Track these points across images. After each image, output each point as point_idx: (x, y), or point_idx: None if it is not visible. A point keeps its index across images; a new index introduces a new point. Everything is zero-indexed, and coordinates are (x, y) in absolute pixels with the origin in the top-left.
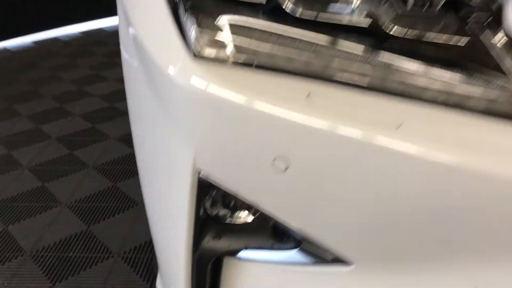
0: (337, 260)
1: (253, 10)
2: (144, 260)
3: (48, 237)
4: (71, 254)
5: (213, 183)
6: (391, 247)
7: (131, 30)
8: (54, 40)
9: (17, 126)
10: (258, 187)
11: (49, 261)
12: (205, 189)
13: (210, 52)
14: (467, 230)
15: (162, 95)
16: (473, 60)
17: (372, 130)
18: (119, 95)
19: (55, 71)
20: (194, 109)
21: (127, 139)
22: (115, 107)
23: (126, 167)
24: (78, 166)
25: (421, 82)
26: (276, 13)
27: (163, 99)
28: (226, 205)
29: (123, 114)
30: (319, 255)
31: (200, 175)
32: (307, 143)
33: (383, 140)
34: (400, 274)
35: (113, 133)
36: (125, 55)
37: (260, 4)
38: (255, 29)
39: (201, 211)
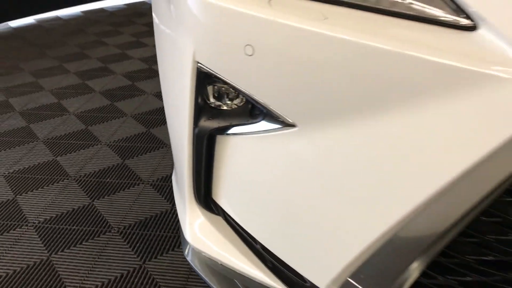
0: (287, 125)
1: None
2: (169, 187)
3: (89, 167)
4: (107, 180)
5: (207, 71)
6: (321, 111)
7: None
8: (100, 10)
9: (65, 81)
10: (236, 70)
11: (90, 184)
12: (201, 78)
13: None
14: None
15: (177, 9)
16: None
17: (306, 22)
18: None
19: (100, 36)
20: (195, 15)
21: (161, 95)
22: (153, 68)
23: (159, 117)
24: (117, 114)
25: None
26: None
27: (177, 12)
28: (217, 96)
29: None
30: (277, 123)
31: (198, 66)
32: (266, 34)
33: (314, 27)
34: (330, 129)
35: (149, 89)
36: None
37: None
38: None
39: (199, 99)
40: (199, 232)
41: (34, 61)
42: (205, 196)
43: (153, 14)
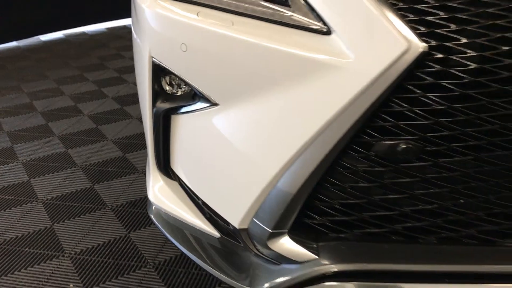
0: (213, 104)
1: None
2: None
3: (94, 158)
4: (109, 169)
5: (159, 64)
6: (233, 92)
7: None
8: (123, 28)
9: (84, 87)
10: (176, 62)
11: (92, 171)
12: (156, 70)
13: None
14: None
15: (140, 20)
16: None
17: (219, 27)
18: None
19: (120, 50)
20: (150, 21)
21: None
22: None
23: None
24: (125, 117)
25: (248, 7)
26: None
27: (140, 23)
28: (171, 84)
29: None
30: (206, 102)
31: (153, 60)
32: (194, 36)
33: (224, 31)
34: (239, 105)
35: None
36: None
37: None
38: None
39: (156, 86)
40: (159, 193)
41: (58, 70)
42: (164, 165)
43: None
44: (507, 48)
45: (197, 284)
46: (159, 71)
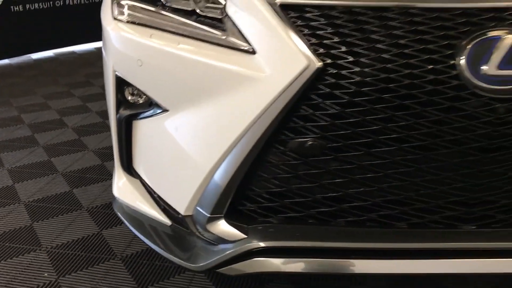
0: (164, 110)
1: None
2: None
3: (75, 166)
4: (88, 175)
5: (121, 77)
6: (179, 100)
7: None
8: None
9: (70, 102)
10: (134, 75)
11: (73, 178)
12: (119, 82)
13: (117, 16)
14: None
15: (105, 40)
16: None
17: (167, 45)
18: None
19: None
20: (113, 41)
21: None
22: None
23: None
24: (106, 129)
25: (192, 30)
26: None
27: (105, 42)
28: (133, 94)
29: None
30: (159, 109)
31: (116, 74)
32: (147, 53)
33: (171, 49)
34: (185, 110)
35: None
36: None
37: None
38: (137, 6)
39: (119, 96)
40: (122, 189)
41: (47, 86)
42: (127, 164)
43: None
44: (381, 66)
45: (159, 273)
46: (121, 83)
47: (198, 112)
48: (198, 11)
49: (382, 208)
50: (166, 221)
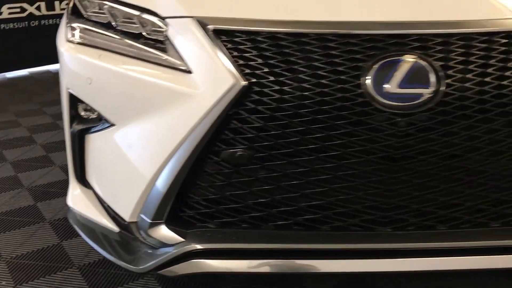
0: (111, 124)
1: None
2: None
3: (42, 180)
4: (54, 189)
5: (73, 94)
6: (123, 115)
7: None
8: None
9: (41, 120)
10: (85, 93)
11: (39, 192)
12: (72, 99)
13: (69, 38)
14: (143, 102)
15: (59, 60)
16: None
17: (113, 65)
18: None
19: None
20: (66, 62)
21: None
22: None
23: None
24: None
25: (137, 51)
26: (99, 24)
27: (60, 63)
28: (85, 110)
29: None
30: (107, 123)
31: (69, 91)
32: (95, 72)
33: (116, 68)
34: (132, 124)
35: None
36: None
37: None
38: (88, 29)
39: (73, 111)
40: (76, 199)
41: (20, 104)
42: (81, 175)
43: None
44: (298, 84)
45: (113, 280)
46: (74, 100)
47: (141, 126)
48: (144, 34)
49: (307, 212)
50: (115, 228)
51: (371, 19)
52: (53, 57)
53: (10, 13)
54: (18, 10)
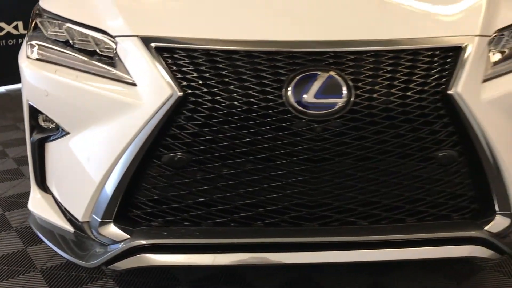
0: (67, 133)
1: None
2: None
3: (11, 191)
4: (21, 200)
5: (33, 105)
6: (76, 124)
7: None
8: None
9: (15, 135)
10: (43, 104)
11: (9, 204)
12: (32, 110)
13: (29, 55)
14: (94, 112)
15: (21, 75)
16: (108, 63)
17: (67, 78)
18: None
19: None
20: (26, 76)
21: None
22: None
23: None
24: None
25: (89, 67)
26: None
27: (21, 78)
28: (45, 120)
29: None
30: (64, 132)
31: (29, 103)
32: (51, 85)
33: (70, 81)
34: (84, 131)
35: None
36: None
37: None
38: (45, 47)
39: (33, 122)
40: (36, 204)
41: None
42: (41, 181)
43: None
44: (228, 95)
45: (74, 282)
46: (33, 111)
47: (91, 134)
48: (98, 51)
49: (241, 210)
50: (70, 229)
51: (292, 38)
52: None
53: None
54: None
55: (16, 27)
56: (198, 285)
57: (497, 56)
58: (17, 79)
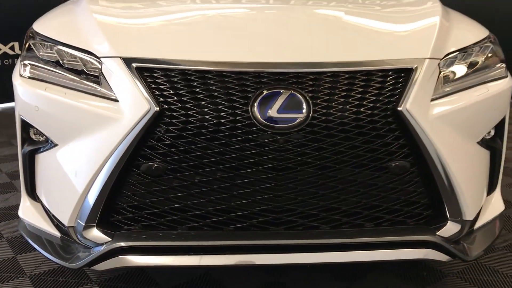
0: (55, 144)
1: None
2: None
3: (1, 205)
4: (12, 212)
5: (24, 119)
6: (64, 137)
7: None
8: None
9: (8, 151)
10: (33, 118)
11: (2, 215)
12: (24, 124)
13: (22, 73)
14: (80, 125)
15: (14, 93)
16: (94, 81)
17: (55, 94)
18: None
19: None
20: (18, 92)
21: None
22: None
23: None
24: None
25: (76, 84)
26: (49, 62)
27: (14, 95)
28: (36, 133)
29: None
30: (53, 144)
31: (21, 118)
32: (41, 101)
33: (59, 97)
34: (71, 143)
35: None
36: None
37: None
38: (37, 66)
39: (25, 135)
40: (26, 211)
41: None
42: (31, 190)
43: None
44: (200, 110)
45: (61, 287)
46: (25, 125)
47: (77, 145)
48: (85, 70)
49: (213, 215)
50: (57, 233)
51: (259, 60)
52: None
53: None
54: None
55: (12, 48)
56: None
57: (448, 77)
58: (12, 98)
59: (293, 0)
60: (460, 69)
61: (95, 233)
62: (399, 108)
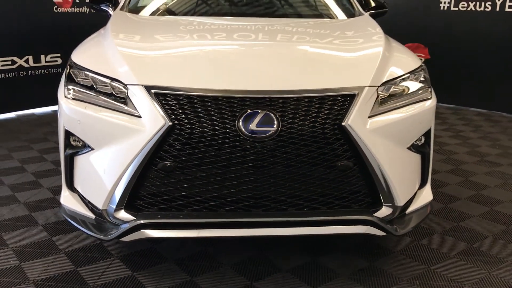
0: (92, 148)
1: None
2: None
3: (32, 199)
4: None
5: (68, 130)
6: (97, 143)
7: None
8: None
9: (29, 154)
10: (76, 129)
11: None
12: (66, 133)
13: (66, 95)
14: (111, 135)
15: (59, 107)
16: (122, 101)
17: (94, 112)
18: None
19: None
20: (64, 109)
21: None
22: None
23: None
24: (58, 173)
25: (109, 103)
26: (85, 86)
27: (59, 109)
28: (75, 140)
29: None
30: (89, 148)
31: (65, 128)
32: (82, 115)
33: (95, 114)
34: (105, 148)
35: None
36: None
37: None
38: (78, 90)
39: (67, 141)
40: (66, 198)
41: (9, 142)
42: (70, 183)
43: None
44: (200, 124)
45: (90, 260)
46: (68, 134)
47: (109, 149)
48: (114, 93)
49: (210, 201)
50: (91, 215)
51: (243, 88)
52: (39, 102)
53: (2, 65)
54: (9, 62)
55: (27, 61)
56: (180, 262)
57: (384, 98)
58: (26, 106)
59: (278, 36)
60: (394, 93)
61: (123, 214)
62: (343, 123)
